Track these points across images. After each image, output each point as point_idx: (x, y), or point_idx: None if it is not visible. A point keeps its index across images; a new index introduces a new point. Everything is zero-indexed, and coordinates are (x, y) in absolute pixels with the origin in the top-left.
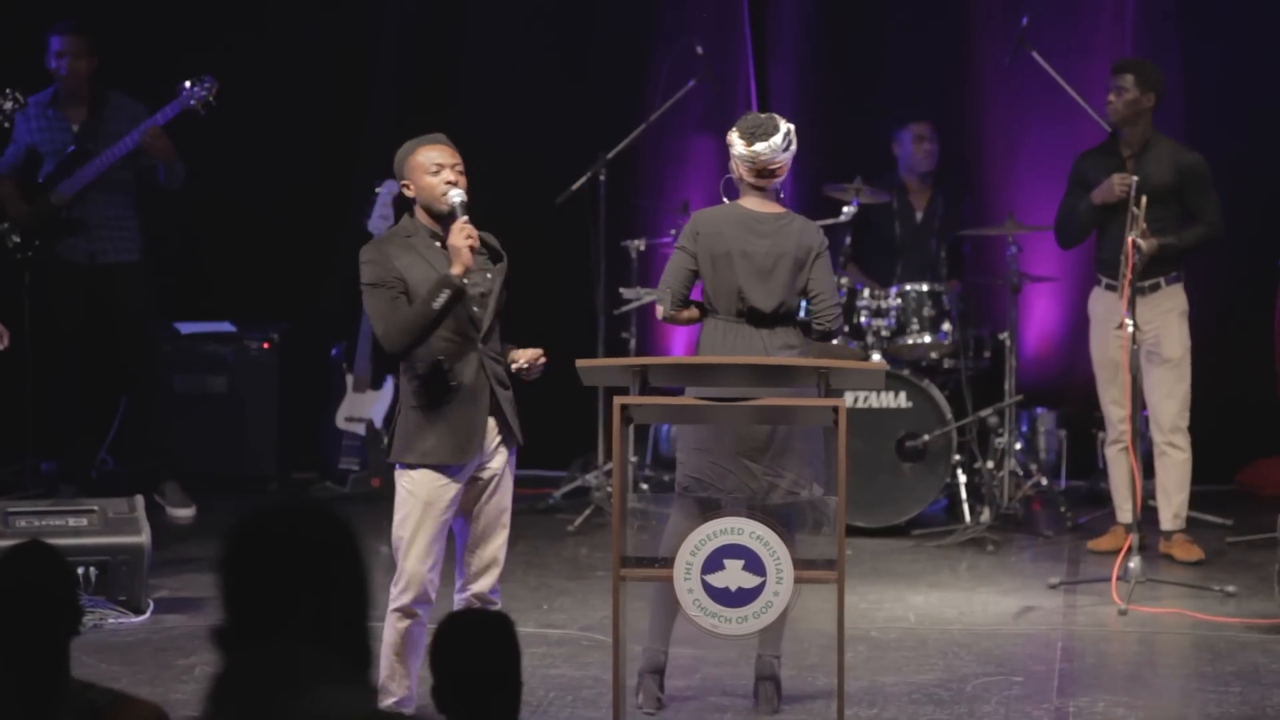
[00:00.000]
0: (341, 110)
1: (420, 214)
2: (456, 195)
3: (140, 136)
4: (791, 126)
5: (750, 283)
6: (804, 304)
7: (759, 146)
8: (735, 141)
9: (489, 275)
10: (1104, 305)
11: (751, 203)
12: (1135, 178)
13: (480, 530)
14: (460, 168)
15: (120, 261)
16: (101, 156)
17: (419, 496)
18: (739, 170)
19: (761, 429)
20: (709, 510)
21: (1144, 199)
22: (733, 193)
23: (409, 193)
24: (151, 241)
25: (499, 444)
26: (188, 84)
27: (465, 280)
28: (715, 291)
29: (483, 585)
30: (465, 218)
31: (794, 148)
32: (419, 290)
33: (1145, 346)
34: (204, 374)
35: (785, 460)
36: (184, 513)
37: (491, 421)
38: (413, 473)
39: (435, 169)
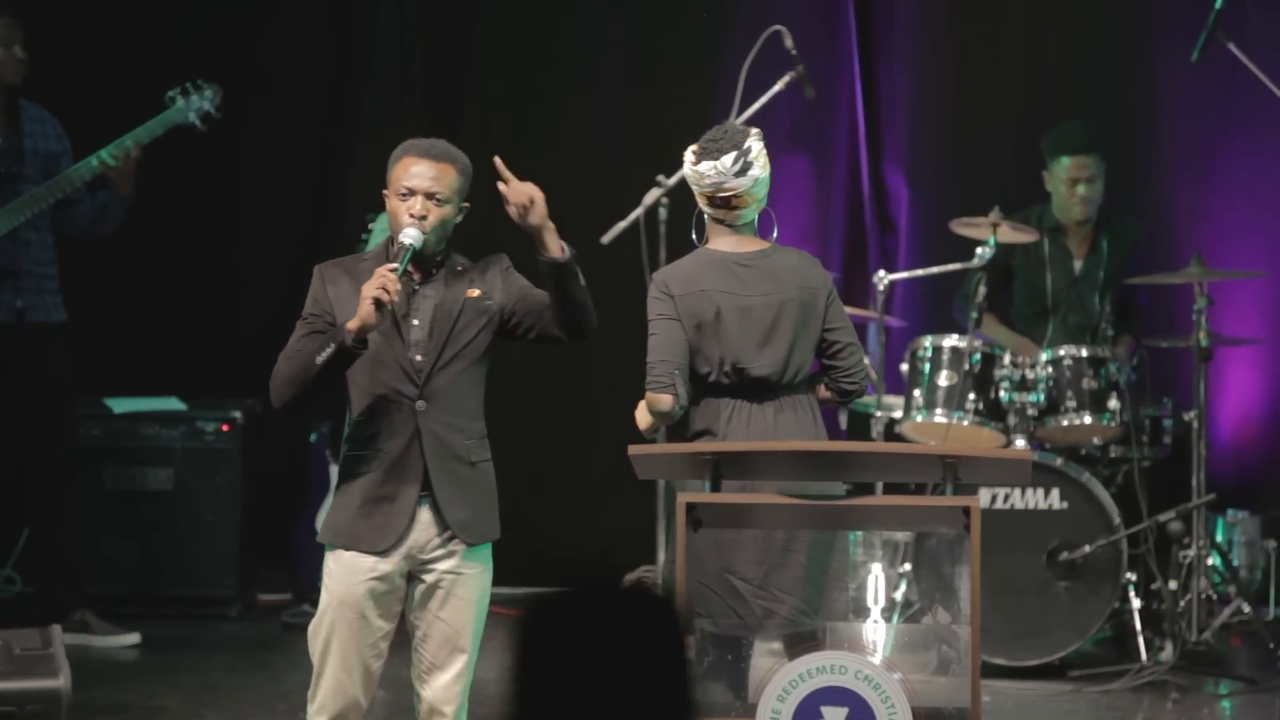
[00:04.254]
0: (325, 118)
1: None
2: (407, 237)
3: (116, 155)
4: (760, 144)
5: (748, 347)
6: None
7: (703, 166)
8: (685, 159)
9: (455, 308)
10: None
11: (723, 243)
12: None
13: (430, 656)
14: (441, 195)
15: (50, 321)
16: (55, 182)
17: (333, 589)
18: (698, 201)
19: (754, 537)
20: (727, 644)
21: None
22: (704, 233)
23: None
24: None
25: (447, 539)
26: (178, 93)
27: (355, 339)
28: (708, 364)
29: None
30: (395, 265)
31: (758, 173)
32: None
33: None
34: (142, 466)
35: (784, 577)
36: (123, 640)
37: (428, 512)
38: (329, 557)
39: (405, 191)
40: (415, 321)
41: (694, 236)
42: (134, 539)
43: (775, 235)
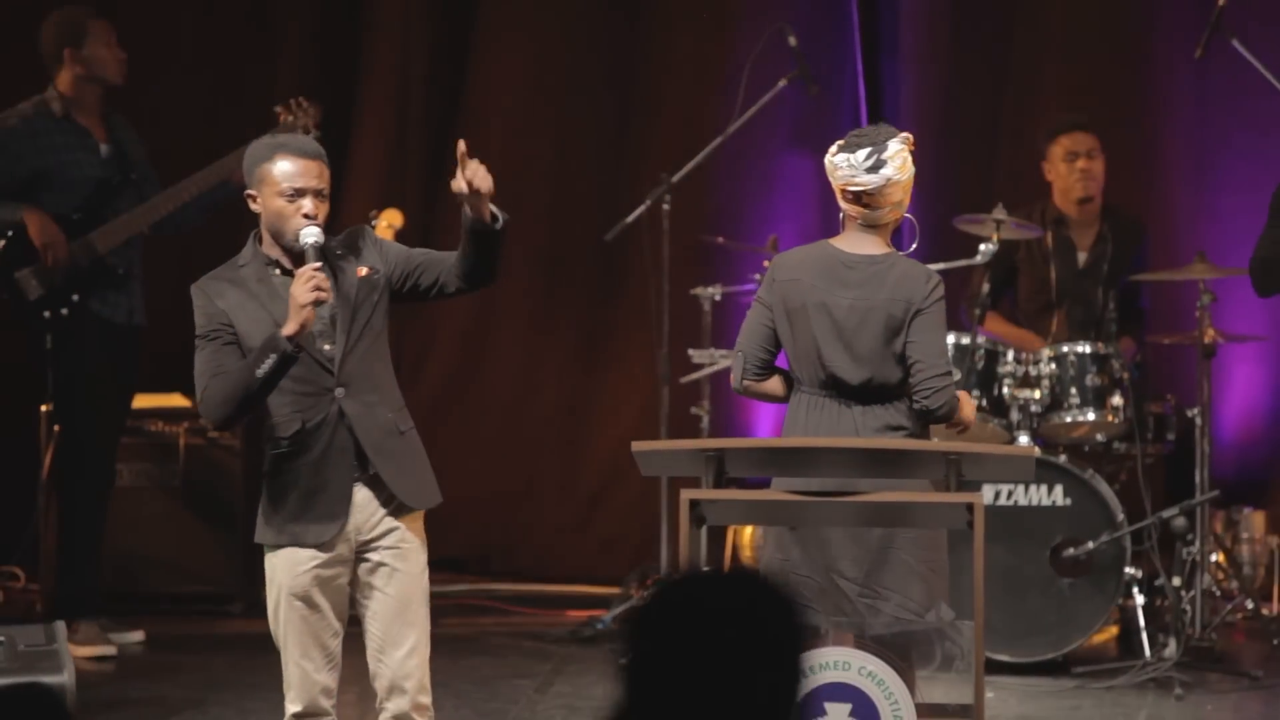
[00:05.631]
0: (325, 119)
1: (266, 236)
2: (310, 235)
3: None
4: (900, 146)
5: (830, 345)
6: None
7: (839, 158)
8: (830, 149)
9: (352, 293)
10: None
11: (846, 240)
12: None
13: (380, 632)
14: (325, 191)
15: (142, 325)
16: (186, 185)
17: (279, 583)
18: (836, 195)
19: (855, 535)
20: None
21: None
22: None
23: (254, 206)
24: None
25: (384, 516)
26: (283, 109)
27: (297, 344)
28: (795, 356)
29: (398, 707)
30: (317, 263)
31: (890, 173)
32: (250, 340)
33: None
34: (146, 462)
35: (887, 575)
36: (128, 639)
37: (364, 491)
38: (271, 556)
39: (292, 193)
40: None
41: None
42: (137, 535)
43: (915, 246)
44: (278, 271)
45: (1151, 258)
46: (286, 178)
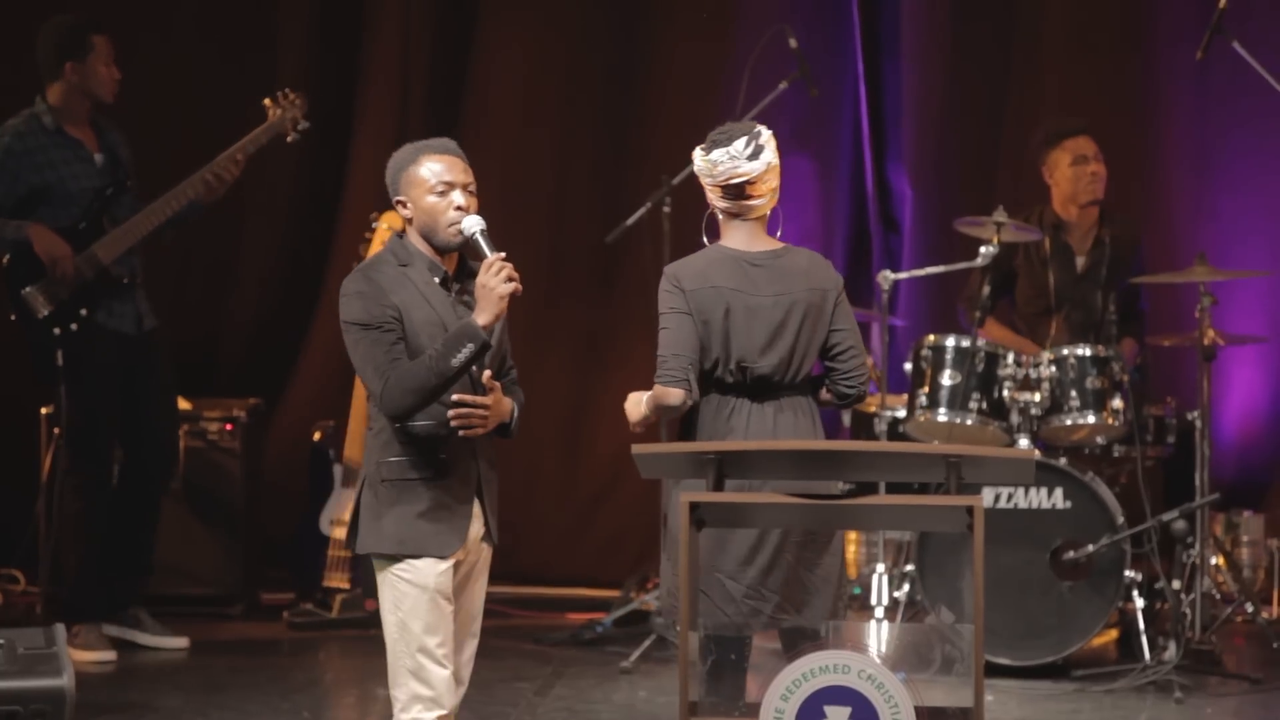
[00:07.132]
0: (325, 121)
1: (415, 239)
2: (474, 224)
3: (225, 166)
4: (768, 134)
5: (754, 346)
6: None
7: (715, 154)
8: (694, 156)
9: (501, 327)
10: None
11: (735, 240)
12: None
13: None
14: (473, 187)
15: (156, 326)
16: (183, 188)
17: (424, 585)
18: (710, 198)
19: (745, 537)
20: (729, 645)
21: None
22: (715, 233)
23: (404, 212)
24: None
25: (483, 534)
26: (273, 103)
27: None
28: (710, 359)
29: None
30: (501, 253)
31: (770, 158)
32: (419, 338)
33: None
34: None
35: (770, 579)
36: (175, 643)
37: (476, 507)
38: (416, 561)
39: (442, 188)
40: None
41: (705, 239)
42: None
43: (780, 234)
44: (437, 281)
45: (1148, 261)
46: (435, 175)
